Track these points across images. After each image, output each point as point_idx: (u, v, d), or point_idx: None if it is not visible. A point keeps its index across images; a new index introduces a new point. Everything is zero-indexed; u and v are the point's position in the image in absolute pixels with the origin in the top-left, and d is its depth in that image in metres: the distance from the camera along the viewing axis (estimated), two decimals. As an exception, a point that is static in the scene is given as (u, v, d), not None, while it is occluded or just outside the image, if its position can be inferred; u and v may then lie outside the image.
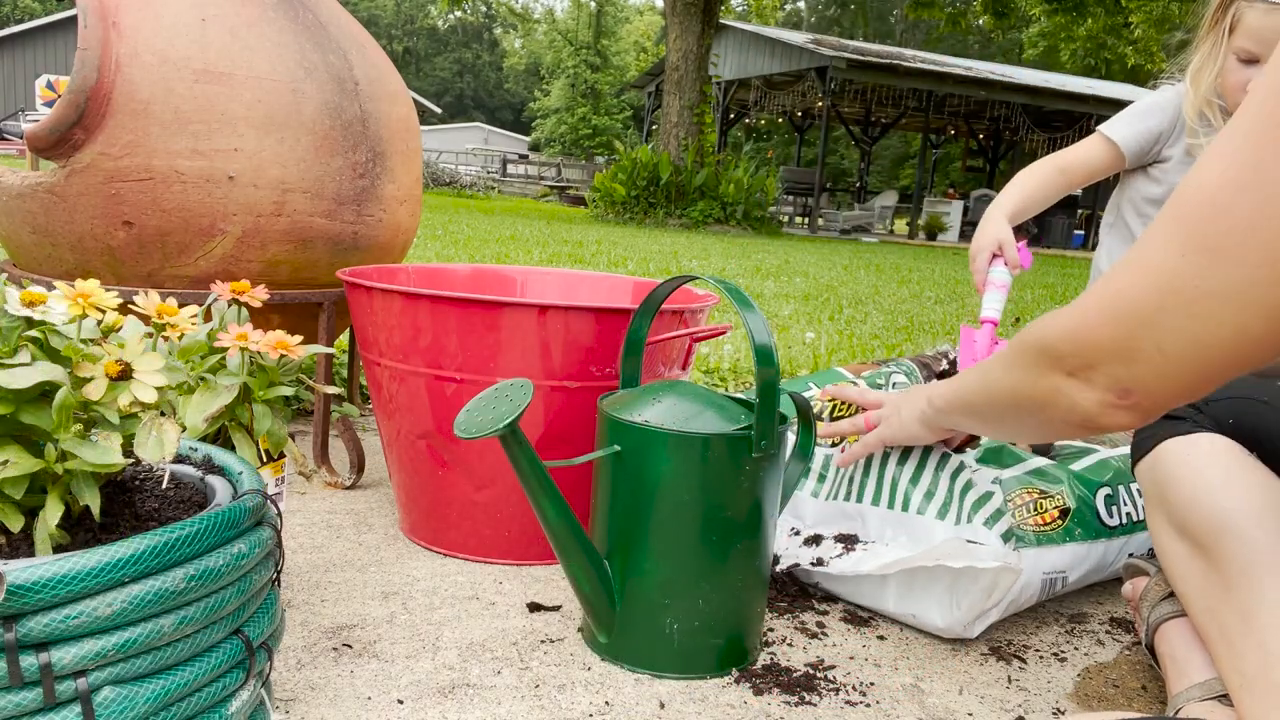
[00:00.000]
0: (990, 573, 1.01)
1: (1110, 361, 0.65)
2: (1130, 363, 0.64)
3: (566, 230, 9.17)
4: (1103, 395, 0.67)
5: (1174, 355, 0.62)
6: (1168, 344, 0.61)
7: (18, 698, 0.56)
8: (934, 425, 1.06)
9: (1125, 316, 0.63)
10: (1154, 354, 0.62)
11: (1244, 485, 0.88)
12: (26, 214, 1.31)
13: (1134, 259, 0.64)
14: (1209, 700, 0.87)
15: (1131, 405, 0.66)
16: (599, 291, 1.59)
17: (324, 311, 1.42)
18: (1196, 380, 0.62)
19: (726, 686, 0.96)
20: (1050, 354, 0.70)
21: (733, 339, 2.97)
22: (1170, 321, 0.61)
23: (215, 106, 1.27)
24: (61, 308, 0.66)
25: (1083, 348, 0.67)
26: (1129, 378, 0.65)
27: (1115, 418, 0.68)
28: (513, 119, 52.72)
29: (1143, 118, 1.48)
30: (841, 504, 1.20)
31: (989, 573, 1.01)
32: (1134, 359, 0.64)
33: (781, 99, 18.09)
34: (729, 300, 1.19)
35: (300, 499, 1.40)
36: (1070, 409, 0.70)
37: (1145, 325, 0.62)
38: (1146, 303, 0.62)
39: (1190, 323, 0.59)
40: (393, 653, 0.97)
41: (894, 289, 5.76)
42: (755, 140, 31.72)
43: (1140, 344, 0.63)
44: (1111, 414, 0.68)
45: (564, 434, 1.18)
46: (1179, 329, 0.60)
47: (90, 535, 0.68)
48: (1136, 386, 0.65)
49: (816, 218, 15.70)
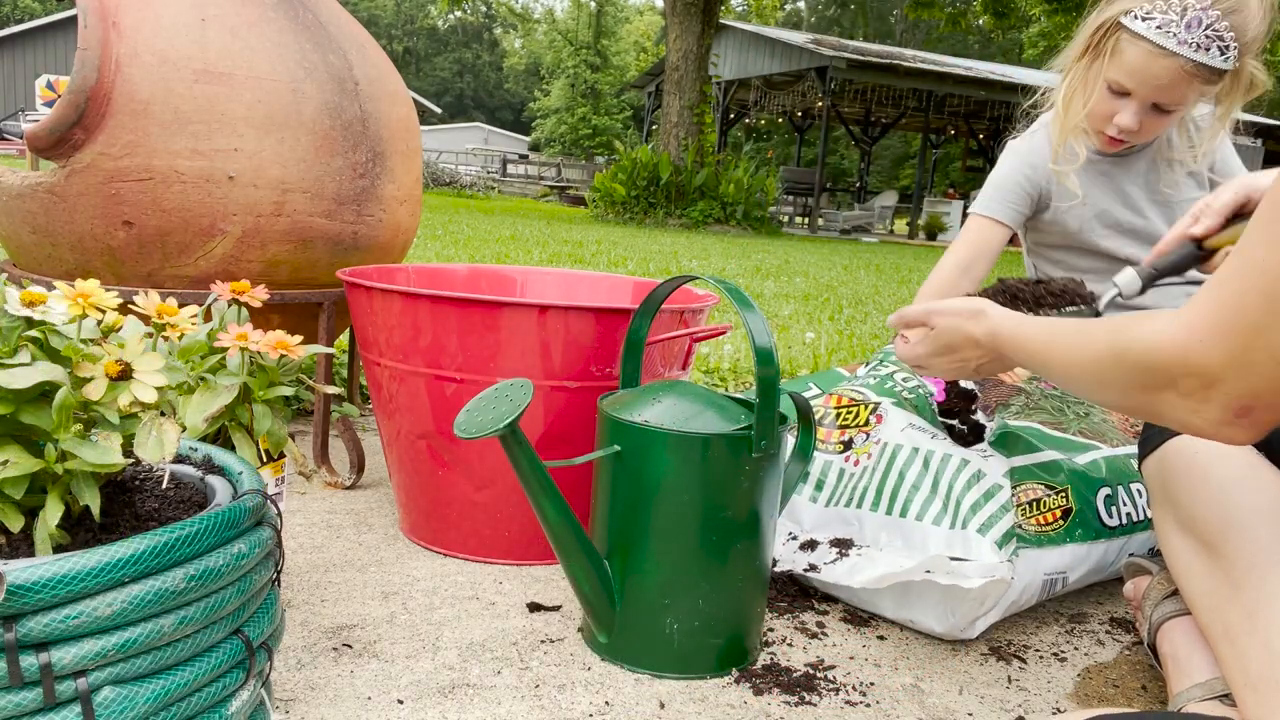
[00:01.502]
0: (976, 589, 1.01)
1: (1226, 379, 0.61)
2: (1247, 375, 0.60)
3: (566, 230, 9.17)
4: (1220, 414, 0.63)
5: None
6: None
7: (18, 698, 0.56)
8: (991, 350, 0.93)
9: (1236, 328, 0.60)
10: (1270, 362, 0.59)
11: (1252, 483, 0.88)
12: (26, 214, 1.31)
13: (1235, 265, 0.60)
14: (1211, 700, 0.87)
15: (1251, 422, 0.63)
16: (599, 291, 1.59)
17: (324, 311, 1.42)
18: None
19: (726, 686, 0.96)
20: (1160, 375, 0.66)
21: (733, 339, 2.97)
22: None
23: (215, 106, 1.27)
24: (61, 308, 0.66)
25: (1196, 368, 0.63)
26: (1249, 393, 0.61)
27: (1231, 435, 0.64)
28: (513, 119, 52.72)
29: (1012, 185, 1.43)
30: (840, 509, 1.20)
31: (975, 590, 1.01)
32: (1250, 370, 0.60)
33: (781, 99, 18.09)
34: (729, 300, 1.19)
35: (300, 499, 1.40)
36: (1183, 425, 0.66)
37: (1258, 332, 0.59)
38: (1256, 308, 0.58)
39: None
40: (393, 653, 0.97)
41: (894, 289, 5.76)
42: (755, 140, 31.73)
43: (1256, 354, 0.59)
44: (1228, 432, 0.64)
45: (564, 434, 1.18)
46: None
47: (90, 535, 0.68)
48: (1257, 402, 0.61)
49: (816, 218, 15.70)
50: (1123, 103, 1.29)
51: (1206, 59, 1.19)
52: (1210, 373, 0.62)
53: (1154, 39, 1.19)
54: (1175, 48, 1.18)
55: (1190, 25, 1.16)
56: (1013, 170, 1.44)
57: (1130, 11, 1.21)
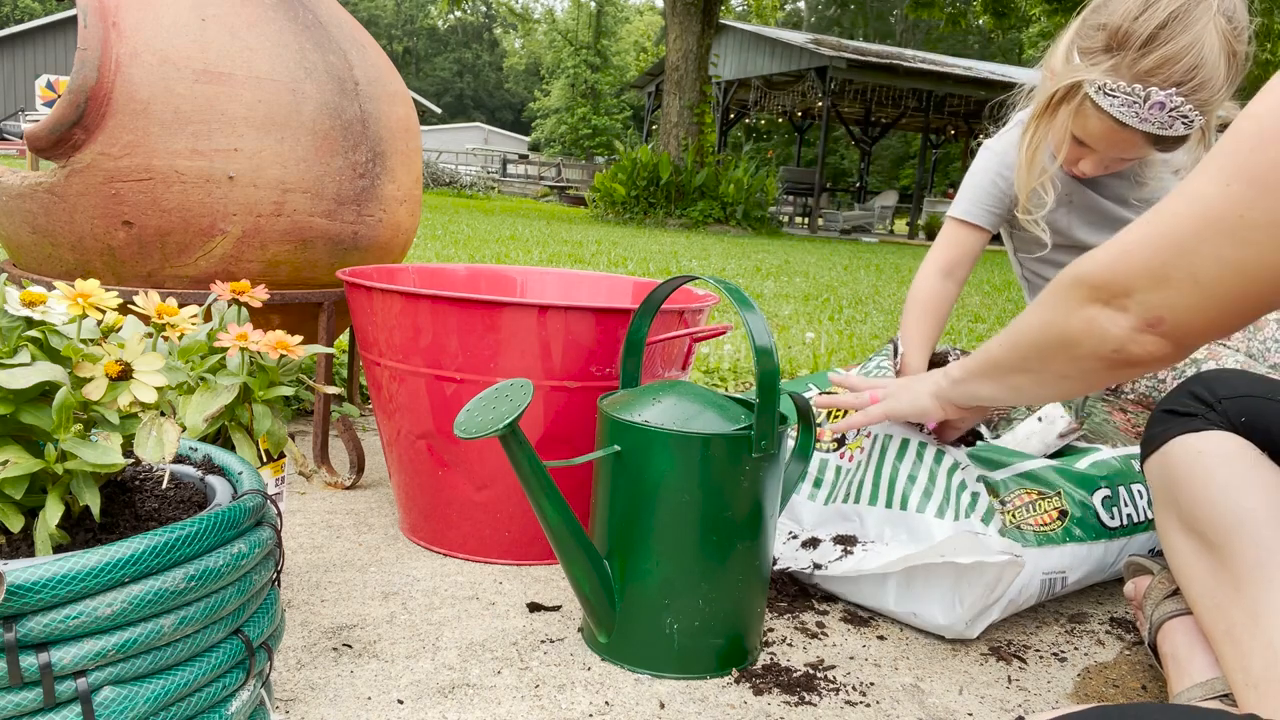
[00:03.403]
0: (996, 567, 1.01)
1: (1144, 288, 0.66)
2: (1162, 288, 0.65)
3: (566, 230, 9.17)
4: (1133, 321, 0.68)
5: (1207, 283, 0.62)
6: (1202, 271, 0.62)
7: (18, 698, 0.56)
8: (948, 399, 1.05)
9: (1163, 243, 0.64)
10: (1187, 280, 0.63)
11: (1255, 484, 0.88)
12: (26, 214, 1.31)
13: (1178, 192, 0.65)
14: (1211, 700, 0.87)
15: (1162, 334, 0.67)
16: (599, 292, 1.59)
17: (324, 311, 1.42)
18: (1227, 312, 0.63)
19: (726, 686, 0.96)
20: (1085, 284, 0.72)
21: (733, 339, 2.97)
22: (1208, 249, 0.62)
23: (215, 106, 1.27)
24: (61, 308, 0.66)
25: (1118, 275, 0.68)
26: (1161, 303, 0.66)
27: (1145, 346, 0.69)
28: (513, 119, 52.73)
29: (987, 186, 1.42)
30: (839, 506, 1.20)
31: (994, 567, 1.01)
32: (1166, 284, 0.65)
33: (781, 99, 18.09)
34: (729, 300, 1.19)
35: (300, 499, 1.40)
36: (1101, 338, 0.71)
37: (1182, 252, 0.63)
38: (1186, 230, 0.63)
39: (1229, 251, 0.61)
40: (393, 653, 0.97)
41: (894, 289, 5.76)
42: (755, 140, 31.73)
43: (1174, 270, 0.64)
44: (1141, 342, 0.69)
45: (564, 434, 1.18)
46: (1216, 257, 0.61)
47: (90, 535, 0.68)
48: (1168, 314, 0.66)
49: (816, 218, 15.70)
50: (1084, 152, 1.27)
51: (1169, 133, 1.17)
52: (1129, 280, 0.68)
53: (1116, 115, 1.17)
54: (1138, 125, 1.16)
55: (1153, 109, 1.14)
56: (986, 171, 1.42)
57: (1093, 83, 1.18)
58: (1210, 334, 0.66)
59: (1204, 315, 0.65)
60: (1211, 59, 1.12)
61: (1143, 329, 0.68)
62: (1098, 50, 1.18)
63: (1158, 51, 1.12)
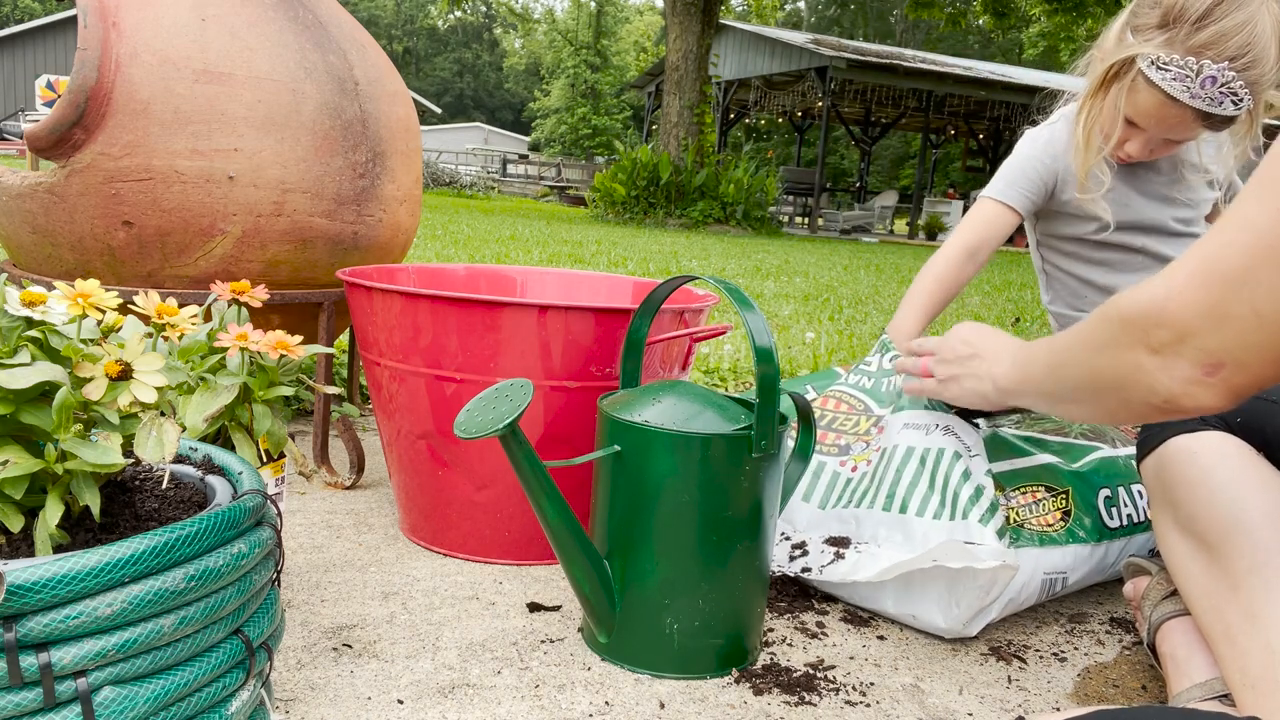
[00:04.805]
0: (988, 572, 1.01)
1: (1199, 331, 0.60)
2: (1220, 329, 0.59)
3: (566, 230, 9.17)
4: (1189, 371, 0.61)
5: (1271, 317, 0.56)
6: (1265, 305, 0.56)
7: (18, 698, 0.56)
8: (998, 405, 1.02)
9: (1217, 278, 0.58)
10: (1248, 316, 0.57)
11: (1252, 484, 0.88)
12: (26, 214, 1.31)
13: (1226, 221, 0.60)
14: (1210, 700, 0.87)
15: (1220, 380, 0.61)
16: (599, 292, 1.59)
17: (324, 311, 1.42)
18: None
19: (726, 686, 0.96)
20: (1133, 327, 0.64)
21: (733, 339, 2.97)
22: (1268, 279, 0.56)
23: (215, 106, 1.27)
24: (61, 308, 0.66)
25: (1169, 317, 0.61)
26: (1219, 347, 0.59)
27: (1200, 398, 0.62)
28: (513, 119, 52.72)
29: (1029, 171, 1.43)
30: (838, 510, 1.20)
31: (987, 572, 1.01)
32: (1225, 324, 0.58)
33: (781, 99, 18.10)
34: (729, 300, 1.19)
35: (300, 499, 1.40)
36: (1151, 390, 0.64)
37: (1239, 285, 0.57)
38: (1240, 262, 0.57)
39: None
40: (393, 653, 0.97)
41: (894, 289, 5.76)
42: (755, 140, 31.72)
43: (1232, 307, 0.58)
44: (1196, 393, 0.62)
45: (564, 434, 1.18)
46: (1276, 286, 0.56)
47: (90, 535, 0.68)
48: (1228, 358, 0.59)
49: (816, 218, 15.70)
50: (1133, 132, 1.30)
51: (1219, 111, 1.19)
52: (1184, 323, 0.61)
53: (1167, 90, 1.19)
54: (1188, 101, 1.19)
55: (1205, 83, 1.16)
56: (1030, 157, 1.44)
57: (1146, 56, 1.21)
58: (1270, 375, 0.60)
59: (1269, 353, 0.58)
60: (1264, 38, 1.16)
61: (1198, 379, 0.61)
62: (1152, 26, 1.21)
63: (1212, 26, 1.15)
